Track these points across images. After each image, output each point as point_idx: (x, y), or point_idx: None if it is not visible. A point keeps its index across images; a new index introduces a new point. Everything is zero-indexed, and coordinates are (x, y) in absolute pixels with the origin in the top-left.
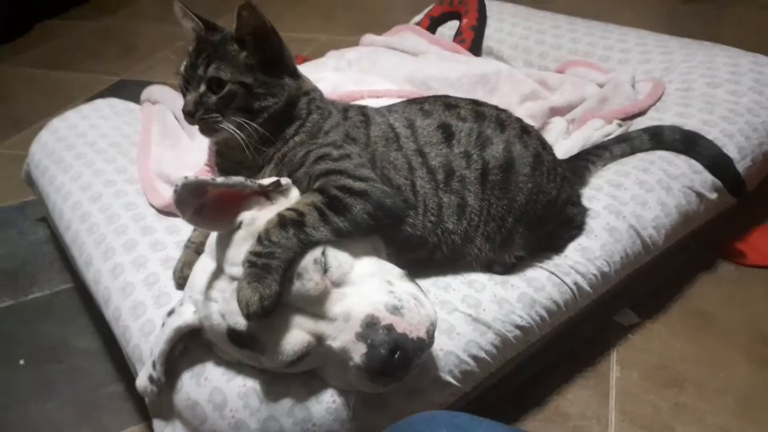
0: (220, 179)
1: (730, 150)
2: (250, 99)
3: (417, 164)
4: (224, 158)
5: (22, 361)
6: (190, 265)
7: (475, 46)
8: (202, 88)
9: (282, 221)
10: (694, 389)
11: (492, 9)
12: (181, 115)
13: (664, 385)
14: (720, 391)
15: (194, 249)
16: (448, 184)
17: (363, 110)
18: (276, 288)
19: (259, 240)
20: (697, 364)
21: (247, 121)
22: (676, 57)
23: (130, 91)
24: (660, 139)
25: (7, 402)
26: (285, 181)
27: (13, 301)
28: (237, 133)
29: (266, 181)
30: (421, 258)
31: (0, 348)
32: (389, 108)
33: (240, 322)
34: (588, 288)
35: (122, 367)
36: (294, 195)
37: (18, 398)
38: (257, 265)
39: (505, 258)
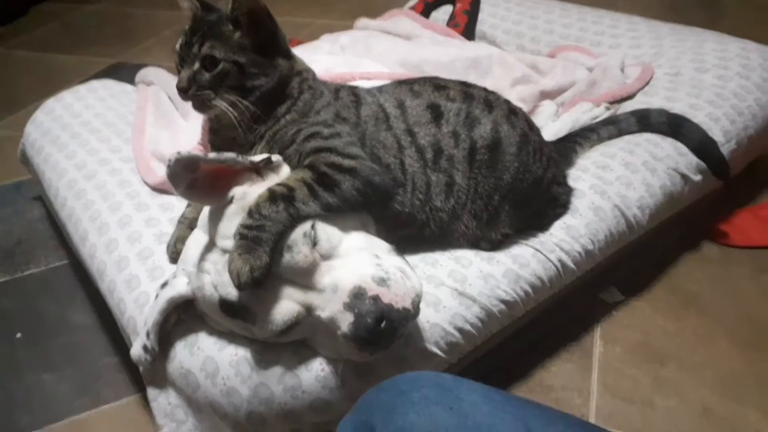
0: (212, 155)
1: (715, 133)
2: (243, 78)
3: (406, 143)
4: (217, 135)
5: (18, 335)
6: (183, 240)
7: (468, 30)
8: (196, 65)
9: (272, 195)
10: (675, 364)
11: None
12: (176, 97)
13: (645, 360)
14: (700, 366)
15: (187, 225)
16: (436, 162)
17: (354, 90)
18: (266, 259)
19: (250, 213)
20: (679, 341)
21: (240, 99)
22: (666, 42)
23: (125, 73)
24: (647, 121)
25: (4, 374)
26: (276, 157)
27: (9, 276)
28: (229, 110)
29: (257, 157)
30: (409, 234)
31: None
32: (380, 89)
33: (231, 292)
34: (572, 265)
35: (117, 340)
36: (284, 172)
37: (16, 371)
38: (248, 238)
39: (491, 235)
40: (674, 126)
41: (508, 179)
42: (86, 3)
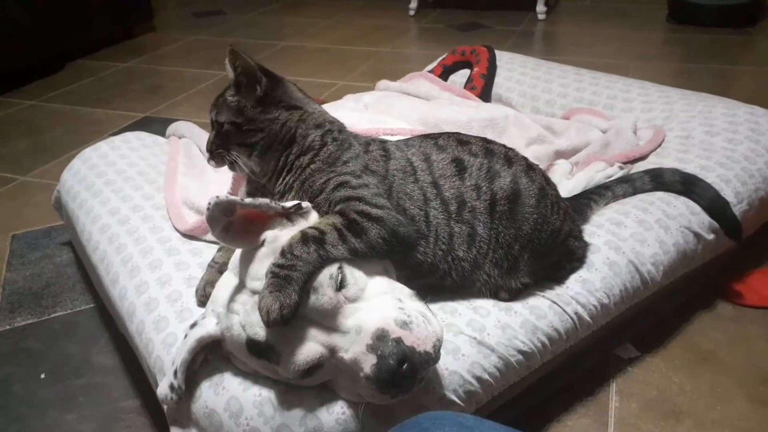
0: (248, 200)
1: (727, 194)
2: (242, 135)
3: (432, 195)
4: (250, 184)
5: (43, 375)
6: (212, 283)
7: (484, 93)
8: (214, 130)
9: (305, 237)
10: (691, 422)
11: (502, 59)
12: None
13: (661, 416)
14: (716, 424)
15: (217, 269)
16: (459, 214)
17: (384, 146)
18: (295, 298)
19: (283, 253)
20: (695, 398)
21: (239, 155)
22: (677, 107)
23: (153, 127)
24: (661, 180)
25: (28, 413)
26: (305, 204)
27: (36, 318)
28: (236, 163)
29: (289, 203)
30: (430, 283)
31: (23, 363)
32: (406, 142)
33: (259, 332)
34: (588, 318)
35: (139, 383)
36: (313, 217)
37: (39, 410)
38: (279, 276)
39: (511, 284)
40: (688, 185)
41: (527, 230)
42: (118, 61)
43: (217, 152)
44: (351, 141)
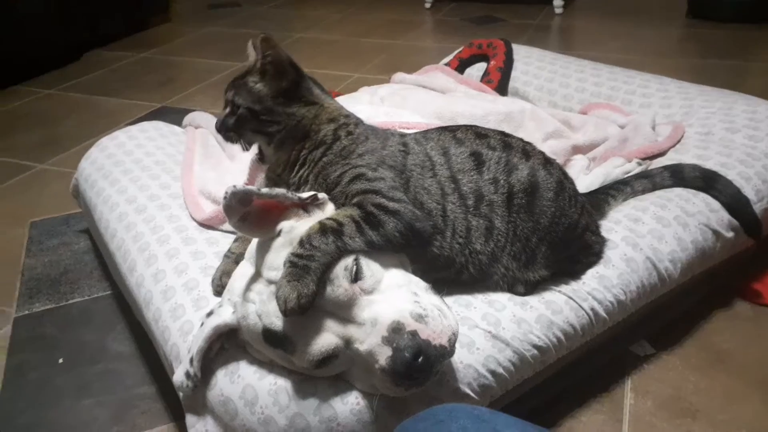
0: (264, 189)
1: (748, 192)
2: (259, 123)
3: (449, 190)
4: (268, 176)
5: (60, 360)
6: (228, 273)
7: (501, 86)
8: (227, 109)
9: (323, 228)
10: (706, 421)
11: (519, 53)
12: (222, 140)
13: (677, 414)
14: (731, 424)
15: (233, 259)
16: (477, 208)
17: (403, 140)
18: (313, 288)
19: (301, 243)
20: (710, 397)
21: (253, 140)
22: (696, 103)
23: (169, 117)
24: (681, 176)
25: (45, 399)
26: (322, 195)
27: (54, 304)
28: (247, 148)
29: (305, 194)
30: (446, 277)
31: (41, 348)
32: (425, 135)
33: (275, 322)
34: (604, 314)
35: (154, 369)
36: (329, 209)
37: (56, 395)
38: (297, 266)
39: (529, 276)
40: (708, 181)
41: (545, 223)
42: (135, 51)
43: (228, 135)
44: (368, 134)
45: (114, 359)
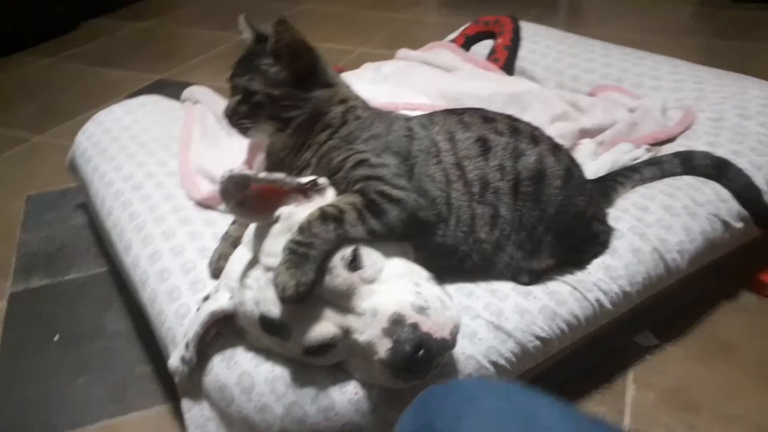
0: (262, 174)
1: (759, 181)
2: (277, 109)
3: (454, 177)
4: (268, 158)
5: (57, 337)
6: (226, 256)
7: (507, 65)
8: (239, 96)
9: (323, 215)
10: (709, 414)
11: (526, 30)
12: (220, 115)
13: (680, 407)
14: (734, 418)
15: (231, 242)
16: (482, 195)
17: (408, 124)
18: (312, 276)
19: (301, 230)
20: (714, 391)
21: (278, 128)
22: (708, 87)
23: (169, 90)
24: (691, 163)
25: (40, 375)
26: (322, 180)
27: (50, 280)
28: (264, 137)
29: (305, 179)
30: (449, 265)
31: (37, 324)
32: (431, 119)
33: (272, 309)
34: (609, 305)
35: (151, 349)
36: (329, 195)
37: (51, 372)
38: (297, 253)
39: (534, 265)
40: (719, 169)
41: (551, 211)
42: (135, 21)
43: (242, 122)
44: (373, 119)
45: (111, 337)
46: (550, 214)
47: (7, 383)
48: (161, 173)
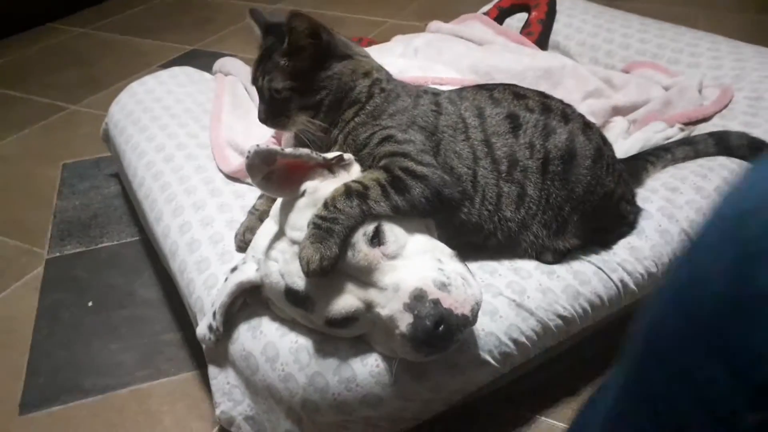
0: (288, 149)
1: None
2: (305, 98)
3: (482, 154)
4: (297, 135)
5: (90, 303)
6: (252, 230)
7: (542, 39)
8: (267, 97)
9: (348, 191)
10: None
11: (563, 4)
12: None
13: None
14: None
15: (257, 216)
16: (510, 174)
17: (436, 99)
18: (335, 251)
19: (326, 205)
20: None
21: (310, 119)
22: (749, 65)
23: (201, 61)
24: (726, 144)
25: (75, 340)
26: (347, 156)
27: (84, 248)
28: (303, 127)
29: (330, 154)
30: (473, 242)
31: (71, 290)
32: (460, 94)
33: (297, 282)
34: (633, 286)
35: (180, 317)
36: (355, 170)
37: (85, 336)
38: (321, 228)
39: (558, 245)
40: (755, 151)
41: (580, 191)
42: None
43: (278, 121)
44: (399, 92)
45: (141, 305)
46: (578, 194)
47: (43, 346)
48: (192, 145)
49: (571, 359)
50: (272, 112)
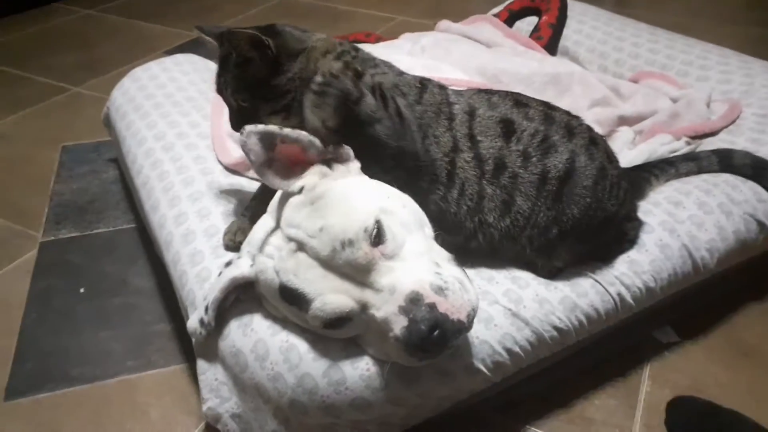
0: (287, 130)
1: None
2: (272, 103)
3: (465, 147)
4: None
5: (82, 290)
6: (245, 231)
7: (551, 44)
8: (234, 106)
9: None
10: None
11: (574, 9)
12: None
13: None
14: None
15: (249, 218)
16: (496, 177)
17: (422, 79)
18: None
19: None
20: (732, 393)
21: (284, 117)
22: (758, 81)
23: (206, 48)
24: (729, 162)
25: (65, 327)
26: (347, 148)
27: (79, 233)
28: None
29: (330, 147)
30: (456, 243)
31: (63, 275)
32: (457, 91)
33: (292, 279)
34: (631, 300)
35: (172, 308)
36: (354, 166)
37: (75, 324)
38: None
39: (549, 263)
40: (758, 170)
41: (573, 213)
42: None
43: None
44: (377, 62)
45: (134, 293)
46: (570, 216)
47: (32, 331)
48: (192, 135)
49: (565, 371)
50: (242, 121)
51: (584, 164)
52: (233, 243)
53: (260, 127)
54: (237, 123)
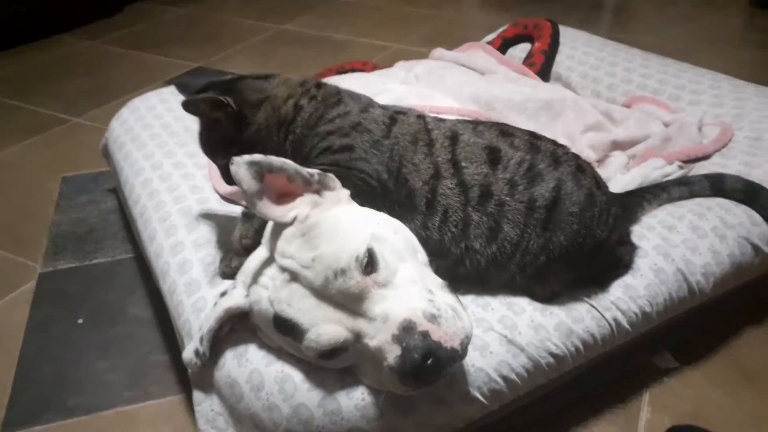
0: (272, 157)
1: None
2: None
3: (447, 174)
4: None
5: (80, 320)
6: (241, 259)
7: (544, 70)
8: (220, 167)
9: None
10: None
11: (566, 36)
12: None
13: None
14: None
15: (242, 246)
16: (482, 204)
17: (394, 114)
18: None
19: None
20: (732, 418)
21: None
22: (750, 104)
23: (206, 78)
24: (721, 187)
25: (63, 356)
26: (331, 176)
27: (78, 263)
28: None
29: (313, 170)
30: (444, 267)
31: (62, 305)
32: (439, 118)
33: (286, 310)
34: (627, 326)
35: (170, 338)
36: (344, 193)
37: (73, 354)
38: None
39: (540, 291)
40: (750, 194)
41: (560, 240)
42: (178, 6)
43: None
44: (342, 97)
45: (132, 323)
46: (557, 243)
47: (30, 361)
48: (189, 164)
49: (564, 397)
50: (230, 178)
51: (570, 191)
52: (229, 269)
53: (246, 157)
54: (227, 180)
